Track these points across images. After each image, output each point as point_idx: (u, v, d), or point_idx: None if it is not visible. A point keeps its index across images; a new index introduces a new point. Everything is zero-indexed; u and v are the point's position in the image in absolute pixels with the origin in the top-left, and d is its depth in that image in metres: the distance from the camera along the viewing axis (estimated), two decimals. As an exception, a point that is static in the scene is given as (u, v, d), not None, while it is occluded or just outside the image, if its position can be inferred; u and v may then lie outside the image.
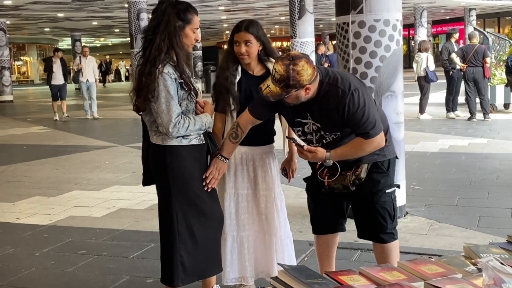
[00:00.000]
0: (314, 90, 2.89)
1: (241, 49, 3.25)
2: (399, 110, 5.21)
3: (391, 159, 3.20)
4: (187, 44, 3.07)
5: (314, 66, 2.85)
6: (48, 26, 31.72)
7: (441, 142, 9.59)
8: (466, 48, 12.34)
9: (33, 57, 46.26)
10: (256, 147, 3.38)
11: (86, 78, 15.58)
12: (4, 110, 21.45)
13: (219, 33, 44.20)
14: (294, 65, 2.76)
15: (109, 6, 22.18)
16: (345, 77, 2.95)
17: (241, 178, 3.38)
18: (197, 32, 3.11)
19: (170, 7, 3.02)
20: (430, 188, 6.42)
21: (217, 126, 3.32)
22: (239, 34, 3.26)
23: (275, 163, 3.47)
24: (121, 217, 5.62)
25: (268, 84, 2.83)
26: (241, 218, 3.40)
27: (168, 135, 2.99)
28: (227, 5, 24.14)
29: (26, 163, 9.09)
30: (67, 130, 13.35)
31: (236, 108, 3.29)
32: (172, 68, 2.98)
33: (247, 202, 3.40)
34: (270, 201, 3.37)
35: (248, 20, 3.35)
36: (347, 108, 2.87)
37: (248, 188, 3.40)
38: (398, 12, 5.15)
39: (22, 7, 21.80)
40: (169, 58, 3.00)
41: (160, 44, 2.98)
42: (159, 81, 2.94)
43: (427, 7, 29.61)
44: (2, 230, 5.34)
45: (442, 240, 4.62)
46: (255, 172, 3.39)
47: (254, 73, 3.34)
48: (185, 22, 3.02)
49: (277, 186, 3.41)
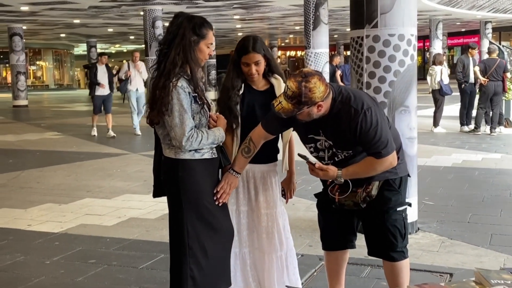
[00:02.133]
0: (326, 108, 2.89)
1: (252, 70, 3.23)
2: (412, 125, 5.18)
3: (403, 177, 3.19)
4: (201, 58, 3.08)
5: (327, 84, 2.84)
6: (64, 32, 31.98)
7: (454, 157, 9.54)
8: (488, 62, 12.34)
9: (49, 62, 46.63)
10: (258, 164, 3.34)
11: (135, 87, 13.43)
12: (19, 114, 21.63)
13: (234, 41, 44.33)
14: (307, 82, 2.76)
15: (125, 14, 22.33)
16: (358, 96, 2.94)
17: (242, 195, 3.37)
18: (211, 47, 3.12)
19: (186, 21, 3.03)
20: (442, 203, 6.38)
21: (226, 140, 3.31)
22: (248, 56, 3.22)
23: (277, 181, 3.43)
24: (131, 226, 5.63)
25: (281, 101, 2.84)
26: (242, 235, 3.38)
27: (181, 148, 2.99)
28: (242, 14, 24.21)
29: (38, 169, 9.15)
30: (80, 136, 13.40)
31: (238, 126, 3.28)
32: (186, 82, 2.98)
33: (247, 219, 3.38)
34: (272, 220, 3.34)
35: (252, 38, 3.28)
36: (359, 127, 2.86)
37: (249, 205, 3.38)
38: (413, 27, 5.13)
39: (38, 13, 22.00)
40: (183, 72, 3.00)
41: (175, 58, 2.99)
42: (173, 95, 2.94)
43: (442, 19, 29.56)
44: (13, 237, 5.36)
45: (453, 257, 4.58)
46: (256, 190, 3.36)
47: (258, 88, 3.33)
48: (200, 37, 3.03)
49: (279, 205, 3.38)
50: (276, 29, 33.78)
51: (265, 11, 23.05)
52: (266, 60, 3.27)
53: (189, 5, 19.82)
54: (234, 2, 20.24)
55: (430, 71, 13.32)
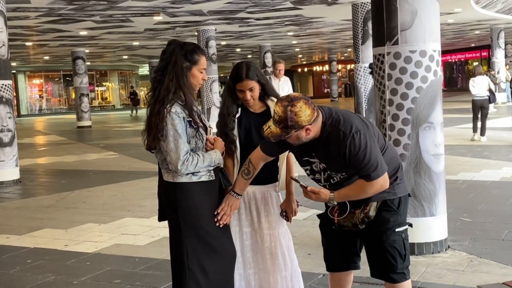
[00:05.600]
0: (316, 131, 2.91)
1: (247, 96, 3.31)
2: (437, 142, 5.09)
3: (402, 197, 3.15)
4: (195, 83, 3.17)
5: (314, 107, 2.86)
6: (126, 53, 32.98)
7: (505, 171, 9.24)
8: None
9: (115, 83, 48.03)
10: (258, 186, 3.39)
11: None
12: (82, 135, 22.38)
13: (292, 57, 44.53)
14: (292, 106, 2.80)
15: (180, 35, 22.82)
16: (348, 119, 2.95)
17: (245, 216, 3.42)
18: (204, 72, 3.20)
19: (178, 48, 3.13)
20: (481, 220, 6.21)
21: (227, 162, 3.37)
22: (241, 83, 3.30)
23: (279, 201, 3.47)
24: (162, 245, 5.74)
25: (270, 125, 2.89)
26: (246, 256, 3.42)
27: (177, 172, 3.07)
28: (295, 30, 24.31)
29: (88, 189, 9.45)
30: (133, 155, 13.72)
31: (236, 149, 3.34)
32: (180, 107, 3.07)
33: (251, 240, 3.42)
34: (274, 240, 3.37)
35: (245, 65, 3.35)
36: (348, 150, 2.87)
37: (251, 226, 3.42)
38: (436, 42, 5.06)
39: (97, 37, 22.81)
40: (177, 97, 3.09)
41: (169, 85, 3.08)
42: (167, 120, 3.03)
43: (504, 28, 28.73)
44: (48, 257, 5.57)
45: (477, 277, 4.46)
46: (257, 211, 3.41)
47: (255, 110, 3.38)
48: (192, 62, 3.12)
49: (281, 225, 3.41)
50: (333, 43, 33.69)
51: (318, 26, 23.07)
52: (260, 85, 3.32)
53: (241, 24, 20.10)
54: (285, 19, 20.36)
55: (471, 82, 13.42)
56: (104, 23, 18.95)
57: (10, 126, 10.77)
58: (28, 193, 9.73)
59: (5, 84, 10.69)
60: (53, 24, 18.70)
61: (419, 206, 5.04)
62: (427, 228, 5.06)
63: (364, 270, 3.49)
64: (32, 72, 43.13)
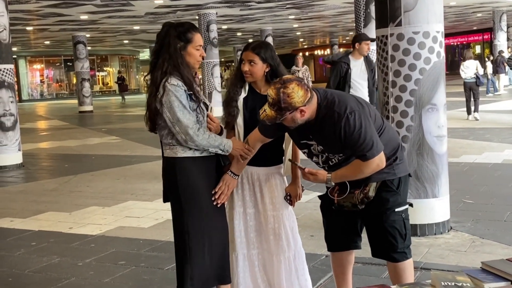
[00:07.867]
0: (311, 113, 2.92)
1: (245, 67, 3.33)
2: (441, 123, 5.09)
3: (401, 177, 3.16)
4: (193, 62, 3.17)
5: (307, 89, 2.86)
6: (127, 38, 32.87)
7: (506, 153, 9.26)
8: None
9: (115, 68, 47.83)
10: (262, 167, 3.41)
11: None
12: (84, 120, 22.39)
13: (293, 40, 44.39)
14: (285, 88, 2.81)
15: (181, 19, 22.73)
16: (343, 100, 2.95)
17: (249, 197, 3.43)
18: (201, 49, 3.21)
19: (172, 29, 3.14)
20: (483, 202, 6.23)
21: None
22: (245, 53, 3.34)
23: (283, 183, 3.48)
24: (166, 228, 5.77)
25: (265, 109, 2.90)
26: (250, 237, 3.44)
27: (187, 142, 3.06)
28: (296, 14, 24.21)
29: (91, 173, 9.49)
30: (136, 140, 13.73)
31: (232, 123, 3.39)
32: (180, 81, 3.08)
33: (255, 221, 3.44)
34: (278, 222, 3.38)
35: (260, 41, 3.42)
36: (343, 131, 2.88)
37: (255, 207, 3.44)
38: (439, 23, 5.05)
39: (98, 21, 22.73)
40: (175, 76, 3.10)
41: (164, 65, 3.10)
42: (169, 92, 3.04)
43: (506, 11, 28.58)
44: (53, 240, 5.61)
45: (480, 257, 4.47)
46: (261, 192, 3.42)
47: (261, 92, 3.39)
48: (186, 41, 3.13)
49: (285, 206, 3.42)
50: (335, 27, 33.55)
51: (319, 9, 22.96)
52: (268, 66, 3.32)
53: (242, 7, 20.02)
54: (286, 3, 20.28)
55: (462, 67, 14.21)
56: (104, 7, 18.88)
57: (12, 110, 10.77)
58: (31, 177, 9.77)
59: (6, 68, 10.68)
60: (54, 8, 18.64)
61: (422, 188, 5.06)
62: (430, 209, 5.08)
63: (366, 251, 3.51)
64: (33, 57, 42.99)
